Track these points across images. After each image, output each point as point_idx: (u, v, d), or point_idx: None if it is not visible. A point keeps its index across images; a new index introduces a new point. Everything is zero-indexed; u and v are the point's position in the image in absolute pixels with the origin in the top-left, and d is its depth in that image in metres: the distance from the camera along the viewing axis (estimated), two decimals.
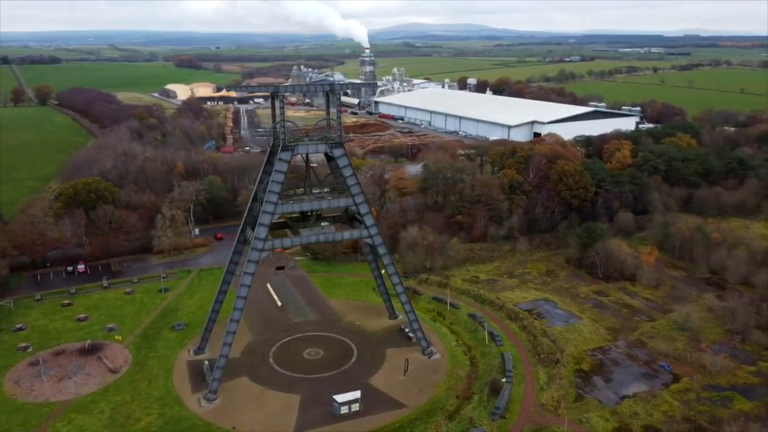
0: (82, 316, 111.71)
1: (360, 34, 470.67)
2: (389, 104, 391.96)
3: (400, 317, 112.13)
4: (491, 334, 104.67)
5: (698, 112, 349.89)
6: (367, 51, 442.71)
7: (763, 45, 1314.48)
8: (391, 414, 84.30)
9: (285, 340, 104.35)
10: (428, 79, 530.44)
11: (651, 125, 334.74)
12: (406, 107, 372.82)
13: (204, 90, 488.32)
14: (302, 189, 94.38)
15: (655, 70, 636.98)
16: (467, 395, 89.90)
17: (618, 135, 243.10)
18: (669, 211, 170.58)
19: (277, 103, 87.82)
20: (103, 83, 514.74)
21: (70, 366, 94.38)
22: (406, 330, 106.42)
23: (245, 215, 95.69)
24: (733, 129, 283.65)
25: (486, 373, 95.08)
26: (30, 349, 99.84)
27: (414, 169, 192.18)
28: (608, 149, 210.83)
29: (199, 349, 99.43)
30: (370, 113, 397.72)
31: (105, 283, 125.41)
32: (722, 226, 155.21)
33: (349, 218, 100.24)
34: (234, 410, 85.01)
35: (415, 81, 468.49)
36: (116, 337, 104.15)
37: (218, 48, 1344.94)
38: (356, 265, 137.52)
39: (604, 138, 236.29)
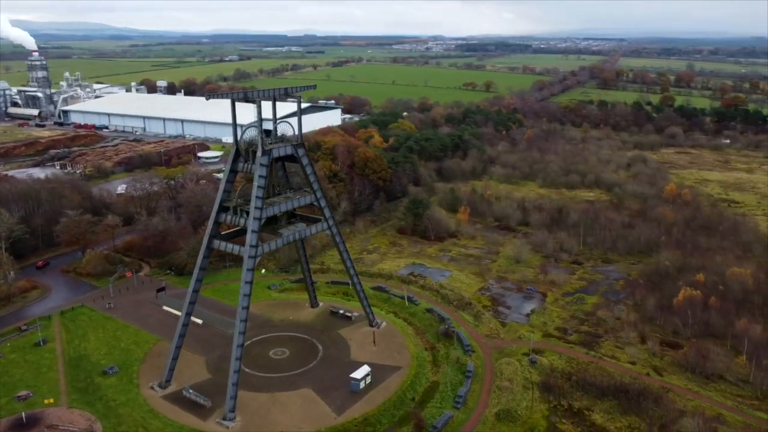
0: None
1: (17, 33, 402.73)
2: (84, 112, 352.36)
3: (322, 304, 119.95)
4: (409, 298, 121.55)
5: (380, 102, 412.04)
6: (36, 54, 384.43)
7: (373, 44, 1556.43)
8: (398, 375, 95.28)
9: None
10: (101, 83, 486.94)
11: (348, 116, 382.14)
12: (109, 114, 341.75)
13: None
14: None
15: (315, 67, 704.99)
16: (431, 346, 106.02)
17: (356, 124, 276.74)
18: (433, 181, 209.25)
19: (254, 109, 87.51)
20: None
21: None
22: (341, 311, 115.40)
23: (210, 228, 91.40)
24: (420, 114, 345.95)
25: (428, 327, 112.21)
26: None
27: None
28: (360, 136, 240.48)
29: (166, 382, 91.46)
30: (60, 124, 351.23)
31: None
32: (484, 186, 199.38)
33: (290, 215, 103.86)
34: (263, 420, 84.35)
35: (96, 86, 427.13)
36: (45, 402, 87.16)
37: None
38: (231, 272, 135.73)
39: (344, 128, 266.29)
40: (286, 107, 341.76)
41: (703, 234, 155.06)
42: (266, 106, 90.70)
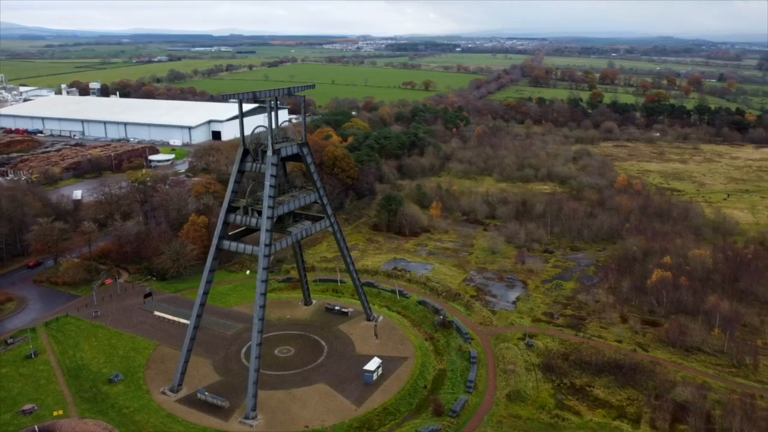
0: None
1: None
2: (14, 117, 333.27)
3: (315, 302, 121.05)
4: (400, 292, 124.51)
5: (325, 101, 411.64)
6: None
7: (303, 44, 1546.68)
8: (406, 366, 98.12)
9: (245, 350, 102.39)
10: (25, 85, 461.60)
11: (294, 116, 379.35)
12: (42, 118, 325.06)
13: None
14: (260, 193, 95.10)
15: (250, 67, 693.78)
16: (430, 336, 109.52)
17: (310, 124, 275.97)
18: (395, 178, 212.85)
19: (267, 109, 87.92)
20: None
21: None
22: (337, 308, 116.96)
23: (218, 229, 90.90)
24: (369, 113, 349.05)
25: (424, 319, 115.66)
26: None
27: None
28: (317, 136, 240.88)
29: (178, 386, 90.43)
30: None
31: None
32: (448, 182, 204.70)
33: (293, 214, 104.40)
34: (285, 416, 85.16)
35: (23, 88, 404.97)
36: (54, 414, 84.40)
37: None
38: (216, 274, 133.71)
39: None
40: (229, 108, 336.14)
41: (657, 220, 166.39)
42: (212, 106, 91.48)
